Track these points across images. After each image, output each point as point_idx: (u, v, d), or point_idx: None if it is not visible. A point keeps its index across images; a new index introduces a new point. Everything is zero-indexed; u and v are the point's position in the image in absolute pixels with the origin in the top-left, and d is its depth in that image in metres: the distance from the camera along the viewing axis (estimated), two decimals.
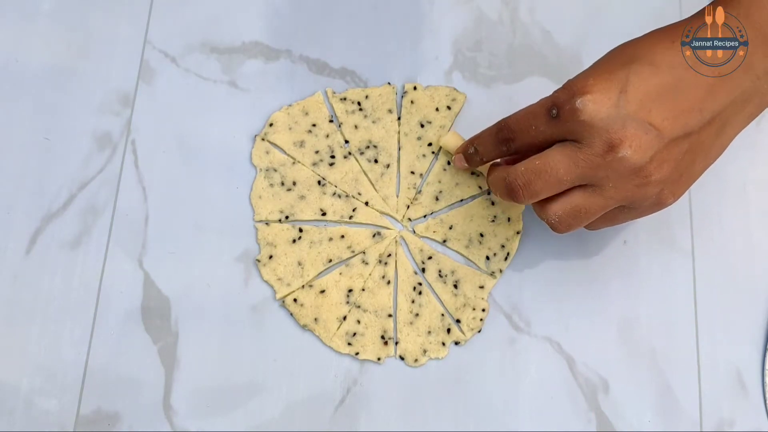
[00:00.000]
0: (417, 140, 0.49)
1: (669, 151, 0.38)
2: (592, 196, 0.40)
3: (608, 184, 0.39)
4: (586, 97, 0.38)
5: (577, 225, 0.41)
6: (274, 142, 0.49)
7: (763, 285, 0.48)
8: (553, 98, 0.40)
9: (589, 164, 0.38)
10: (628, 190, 0.39)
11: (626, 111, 0.38)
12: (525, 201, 0.41)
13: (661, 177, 0.39)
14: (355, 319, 0.47)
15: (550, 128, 0.40)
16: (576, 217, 0.40)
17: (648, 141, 0.38)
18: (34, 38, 0.51)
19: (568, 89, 0.39)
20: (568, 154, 0.39)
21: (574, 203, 0.40)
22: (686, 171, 0.40)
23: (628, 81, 0.38)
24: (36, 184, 0.48)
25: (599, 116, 0.38)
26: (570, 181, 0.39)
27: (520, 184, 0.40)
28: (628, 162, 0.38)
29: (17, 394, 0.45)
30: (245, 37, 0.52)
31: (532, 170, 0.40)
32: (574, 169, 0.39)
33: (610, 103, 0.38)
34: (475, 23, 0.52)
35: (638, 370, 0.47)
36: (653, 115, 0.38)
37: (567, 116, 0.38)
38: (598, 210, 0.40)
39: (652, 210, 0.41)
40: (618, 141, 0.38)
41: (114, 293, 0.47)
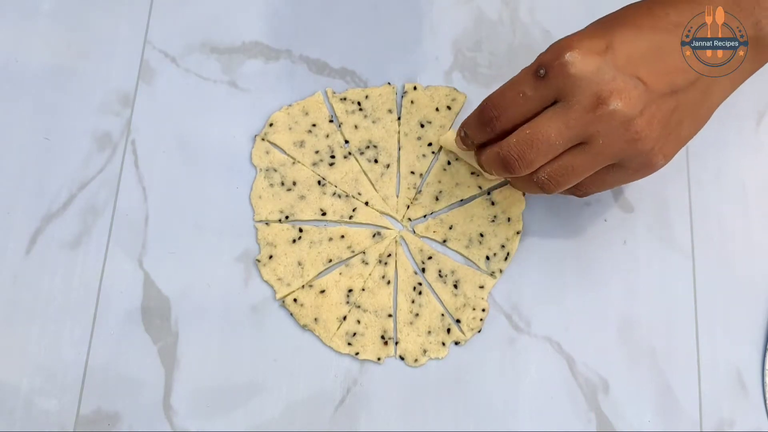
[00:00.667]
0: (417, 140, 0.49)
1: (658, 106, 0.38)
2: (582, 153, 0.39)
3: (599, 140, 0.39)
4: (574, 51, 0.38)
5: (566, 183, 0.41)
6: (274, 142, 0.49)
7: (763, 285, 0.48)
8: (539, 60, 0.39)
9: (580, 122, 0.38)
10: (619, 145, 0.39)
11: (614, 64, 0.38)
12: (522, 172, 0.41)
13: (650, 133, 0.39)
14: (355, 319, 0.47)
15: (538, 91, 0.39)
16: (565, 174, 0.40)
17: (637, 94, 0.38)
18: (34, 38, 0.51)
19: (554, 49, 0.39)
20: (558, 116, 0.39)
21: (564, 161, 0.40)
22: (675, 130, 0.40)
23: (614, 39, 0.39)
24: (36, 184, 0.48)
25: (588, 68, 0.38)
26: (562, 144, 0.39)
27: (515, 155, 0.40)
28: (619, 114, 0.38)
29: (17, 394, 0.45)
30: (245, 37, 0.52)
31: (524, 140, 0.39)
32: (565, 130, 0.39)
33: (598, 57, 0.38)
34: (475, 23, 0.52)
35: (638, 370, 0.47)
36: (641, 71, 0.38)
37: (556, 72, 0.38)
38: (588, 167, 0.40)
39: (641, 171, 0.41)
40: (608, 93, 0.38)
41: (114, 293, 0.47)
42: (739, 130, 0.51)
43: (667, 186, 0.49)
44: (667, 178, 0.49)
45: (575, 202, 0.49)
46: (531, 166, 0.40)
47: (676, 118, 0.39)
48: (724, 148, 0.50)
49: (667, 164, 0.41)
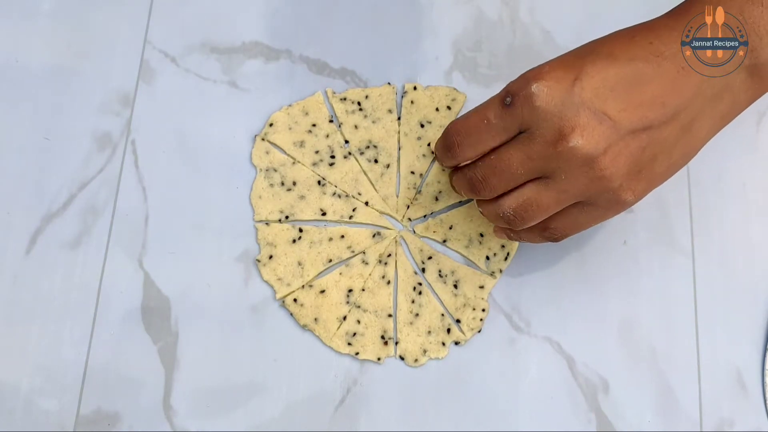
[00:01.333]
0: (417, 140, 0.49)
1: (626, 143, 0.37)
2: (545, 189, 0.39)
3: (561, 176, 0.38)
4: (540, 83, 0.37)
5: (531, 218, 0.40)
6: (274, 142, 0.49)
7: (763, 285, 0.48)
8: (507, 87, 0.39)
9: (541, 155, 0.38)
10: (582, 183, 0.38)
11: (580, 98, 0.36)
12: (485, 195, 0.41)
13: (616, 171, 0.37)
14: (355, 319, 0.47)
15: (503, 120, 0.38)
16: (528, 210, 0.39)
17: (601, 131, 0.36)
18: (34, 38, 0.51)
19: (522, 78, 0.38)
20: (521, 146, 0.38)
21: (526, 195, 0.39)
22: (646, 168, 0.38)
23: (584, 70, 0.37)
24: (36, 184, 0.48)
25: (553, 102, 0.37)
26: (525, 174, 0.39)
27: (479, 178, 0.40)
28: (580, 152, 0.37)
29: (17, 394, 0.45)
30: (245, 37, 0.52)
31: (488, 165, 0.40)
32: (527, 161, 0.38)
33: (565, 89, 0.37)
34: (475, 23, 0.52)
35: (638, 370, 0.47)
36: (608, 105, 0.37)
37: (521, 102, 0.37)
38: (552, 203, 0.39)
39: (612, 208, 0.39)
40: (569, 129, 0.36)
41: (114, 293, 0.47)
42: (739, 130, 0.51)
43: (667, 186, 0.49)
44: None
45: None
46: (493, 191, 0.40)
47: (647, 155, 0.38)
48: (724, 148, 0.50)
49: (639, 200, 0.39)
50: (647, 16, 0.44)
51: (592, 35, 0.52)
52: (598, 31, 0.52)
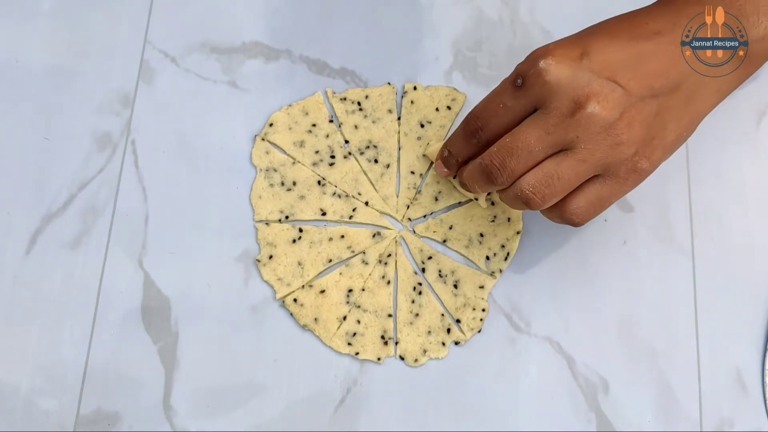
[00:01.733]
0: (417, 140, 0.49)
1: (638, 110, 0.38)
2: (565, 159, 0.39)
3: (580, 145, 0.38)
4: (548, 59, 0.38)
5: (552, 194, 0.39)
6: (274, 142, 0.49)
7: (763, 285, 0.48)
8: (516, 69, 0.40)
9: (559, 127, 0.38)
10: (601, 151, 0.38)
11: (590, 70, 0.38)
12: (503, 181, 0.40)
13: (632, 137, 0.38)
14: (355, 319, 0.47)
15: (517, 101, 0.39)
16: (549, 185, 0.39)
17: (615, 98, 0.38)
18: (34, 38, 0.51)
19: (530, 58, 0.39)
20: (538, 122, 0.38)
21: (546, 169, 0.39)
22: (658, 135, 0.39)
23: (590, 45, 0.39)
24: (36, 184, 0.48)
25: (564, 74, 0.38)
26: (543, 149, 0.39)
27: (496, 164, 0.40)
28: (598, 118, 0.37)
29: (17, 394, 0.45)
30: (245, 37, 0.52)
31: (505, 148, 0.39)
32: (545, 136, 0.38)
33: (574, 63, 0.38)
34: (475, 23, 0.52)
35: (638, 370, 0.47)
36: (618, 75, 0.38)
37: (532, 80, 0.38)
38: (572, 175, 0.39)
39: (630, 178, 0.40)
40: (585, 97, 0.37)
41: (114, 293, 0.47)
42: (739, 130, 0.51)
43: (667, 186, 0.49)
44: (667, 178, 0.49)
45: None
46: (512, 174, 0.40)
47: (659, 122, 0.39)
48: (724, 148, 0.50)
49: (654, 170, 0.40)
50: None
51: None
52: None
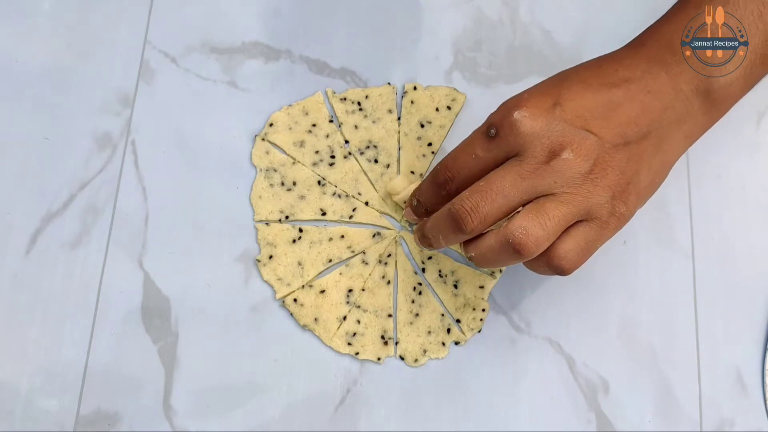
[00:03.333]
0: (417, 140, 0.49)
1: (611, 156, 0.38)
2: (548, 202, 0.38)
3: (559, 190, 0.38)
4: (522, 110, 0.38)
5: (545, 237, 0.38)
6: (274, 142, 0.49)
7: (763, 285, 0.48)
8: (488, 120, 0.40)
9: (535, 173, 0.38)
10: (579, 196, 0.38)
11: (563, 119, 0.38)
12: (473, 228, 0.39)
13: (607, 182, 0.38)
14: (355, 319, 0.47)
15: (490, 151, 0.39)
16: (542, 225, 0.37)
17: (589, 145, 0.38)
18: (34, 38, 0.51)
19: (503, 108, 0.39)
20: (512, 168, 0.38)
21: (534, 210, 0.38)
22: (632, 180, 0.39)
23: (561, 95, 0.39)
24: (36, 184, 0.48)
25: (538, 125, 0.38)
26: (517, 195, 0.38)
27: (468, 208, 0.38)
28: (573, 164, 0.38)
29: (17, 394, 0.45)
30: (245, 37, 0.52)
31: (478, 191, 0.38)
32: (520, 181, 0.38)
33: (546, 113, 0.38)
34: (475, 23, 0.52)
35: (638, 370, 0.47)
36: (591, 124, 0.38)
37: (506, 131, 0.38)
38: (561, 216, 0.38)
39: (610, 223, 0.39)
40: (559, 146, 0.38)
41: (114, 293, 0.47)
42: (739, 130, 0.51)
43: (667, 186, 0.49)
44: (667, 178, 0.49)
45: None
46: (485, 220, 0.38)
47: (631, 168, 0.39)
48: (724, 148, 0.50)
49: (632, 215, 0.40)
50: (647, 16, 0.44)
51: (592, 35, 0.52)
52: (598, 31, 0.52)
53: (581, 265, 0.40)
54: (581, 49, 0.51)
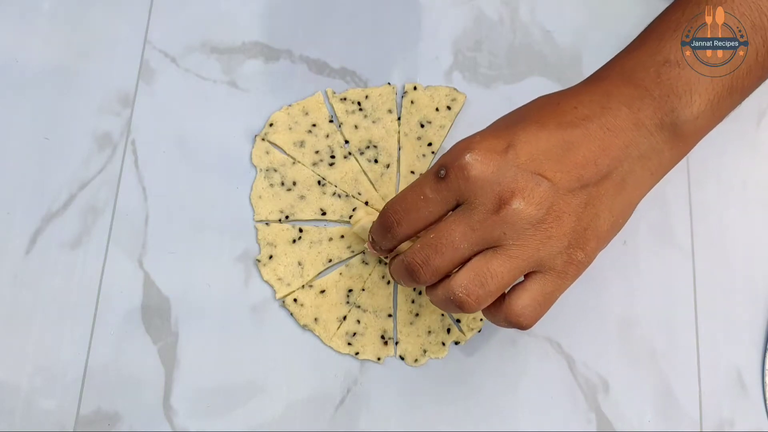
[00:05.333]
0: (417, 140, 0.49)
1: (566, 202, 0.37)
2: (494, 257, 0.37)
3: (508, 242, 0.36)
4: (474, 152, 0.36)
5: (486, 295, 0.37)
6: (274, 142, 0.49)
7: (763, 285, 0.48)
8: (440, 161, 0.38)
9: (485, 224, 0.36)
10: (532, 247, 0.36)
11: (516, 164, 0.36)
12: (426, 280, 0.38)
13: (562, 230, 0.37)
14: (355, 319, 0.47)
15: (439, 193, 0.37)
16: (483, 284, 0.37)
17: (541, 193, 0.36)
18: (34, 38, 0.51)
19: (454, 150, 0.38)
20: (462, 218, 0.37)
21: (477, 267, 0.37)
22: (590, 225, 0.38)
23: (516, 137, 0.37)
24: (36, 184, 0.48)
25: (488, 170, 0.36)
26: (468, 246, 0.37)
27: (419, 262, 0.37)
28: (524, 213, 0.36)
29: (17, 394, 0.45)
30: (245, 37, 0.52)
31: (428, 244, 0.37)
32: (470, 232, 0.36)
33: (498, 157, 0.36)
34: (475, 23, 0.52)
35: (638, 370, 0.47)
36: (544, 168, 0.37)
37: (455, 174, 0.36)
38: (506, 273, 0.37)
39: (569, 272, 0.38)
40: (509, 194, 0.36)
41: (114, 293, 0.47)
42: (739, 130, 0.51)
43: (667, 186, 0.49)
44: (667, 178, 0.48)
45: None
46: (437, 273, 0.38)
47: (590, 213, 0.37)
48: (724, 148, 0.50)
49: (592, 260, 0.38)
50: (647, 16, 0.44)
51: (592, 35, 0.52)
52: (598, 31, 0.52)
53: (540, 318, 0.38)
54: (581, 49, 0.52)
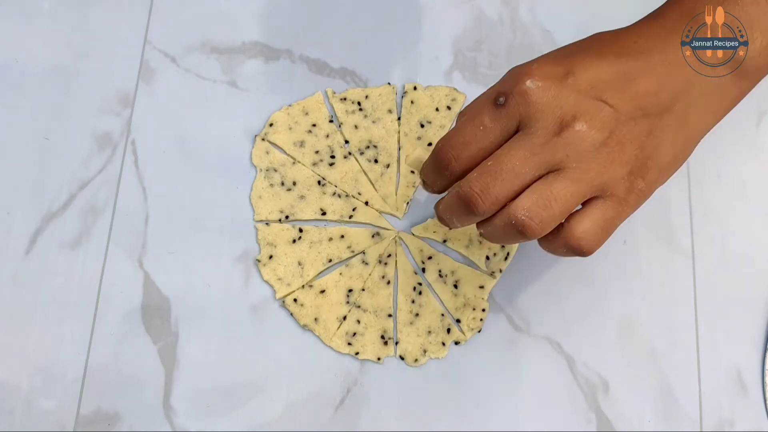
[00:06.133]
0: (417, 140, 0.49)
1: (628, 129, 0.36)
2: (556, 180, 0.36)
3: (571, 164, 0.35)
4: (534, 78, 0.36)
5: (550, 218, 0.36)
6: (274, 142, 0.49)
7: (763, 285, 0.48)
8: (497, 86, 0.37)
9: (546, 147, 0.35)
10: (594, 170, 0.36)
11: (576, 89, 0.36)
12: (485, 210, 0.36)
13: (624, 156, 0.36)
14: (355, 319, 0.47)
15: (498, 121, 0.36)
16: (546, 206, 0.35)
17: (603, 117, 0.36)
18: (34, 38, 0.51)
19: (512, 75, 0.37)
20: (522, 143, 0.36)
21: (540, 190, 0.36)
22: (652, 156, 0.37)
23: (575, 65, 0.37)
24: (36, 184, 0.48)
25: (549, 95, 0.36)
26: (529, 171, 0.36)
27: (477, 191, 0.36)
28: (586, 136, 0.35)
29: (17, 394, 0.45)
30: (245, 37, 0.52)
31: (486, 172, 0.36)
32: (532, 157, 0.36)
33: (559, 83, 0.36)
34: (475, 23, 0.52)
35: (638, 370, 0.47)
36: (606, 95, 0.36)
37: (516, 100, 0.36)
38: (569, 196, 0.36)
39: (630, 200, 0.37)
40: (571, 117, 0.35)
41: (114, 293, 0.47)
42: (739, 130, 0.51)
43: (667, 186, 0.49)
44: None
45: None
46: (496, 201, 0.36)
47: (651, 143, 0.37)
48: (724, 148, 0.50)
49: (653, 191, 0.38)
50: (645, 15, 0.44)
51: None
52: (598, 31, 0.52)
53: (601, 245, 0.37)
54: None
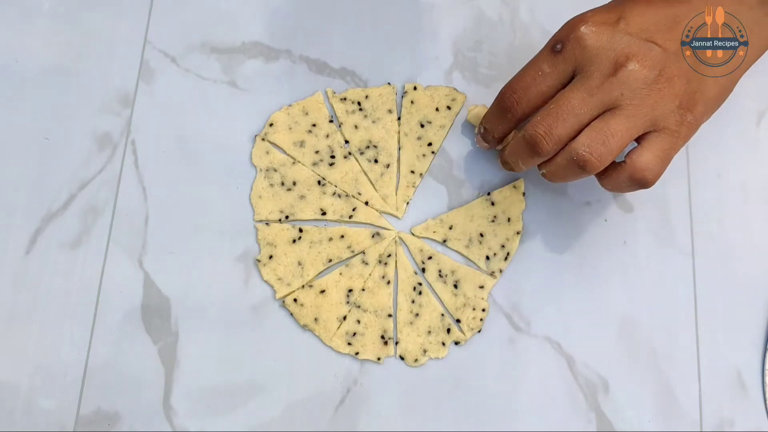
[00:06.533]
0: (417, 140, 0.49)
1: (677, 66, 0.40)
2: (613, 117, 0.40)
3: (625, 102, 0.39)
4: (588, 24, 0.40)
5: (608, 153, 0.40)
6: (274, 142, 0.49)
7: (763, 285, 0.48)
8: (554, 37, 0.41)
9: (602, 87, 0.39)
10: (647, 105, 0.39)
11: (627, 33, 0.40)
12: (549, 150, 0.41)
13: (673, 91, 0.39)
14: (355, 319, 0.47)
15: (556, 66, 0.41)
16: (604, 142, 0.39)
17: (653, 56, 0.39)
18: (34, 38, 0.51)
19: (567, 25, 0.41)
20: (580, 86, 0.40)
21: (598, 127, 0.40)
22: (699, 89, 0.40)
23: (626, 11, 0.41)
24: (36, 184, 0.48)
25: (603, 38, 0.40)
26: (588, 111, 0.40)
27: (541, 133, 0.40)
28: (639, 74, 0.39)
29: (17, 394, 0.45)
30: (245, 37, 0.52)
31: (549, 114, 0.40)
32: (589, 98, 0.39)
33: (612, 27, 0.40)
34: (475, 23, 0.52)
35: (638, 370, 0.47)
36: (655, 37, 0.40)
37: (572, 46, 0.40)
38: (625, 131, 0.40)
39: (681, 132, 0.40)
40: (624, 58, 0.39)
41: (114, 293, 0.47)
42: (739, 130, 0.51)
43: (667, 186, 0.49)
44: (667, 178, 0.49)
45: (575, 201, 0.49)
46: (559, 141, 0.40)
47: (698, 77, 0.40)
48: (724, 148, 0.50)
49: (700, 124, 0.41)
50: None
51: None
52: None
53: (661, 175, 0.41)
54: None
